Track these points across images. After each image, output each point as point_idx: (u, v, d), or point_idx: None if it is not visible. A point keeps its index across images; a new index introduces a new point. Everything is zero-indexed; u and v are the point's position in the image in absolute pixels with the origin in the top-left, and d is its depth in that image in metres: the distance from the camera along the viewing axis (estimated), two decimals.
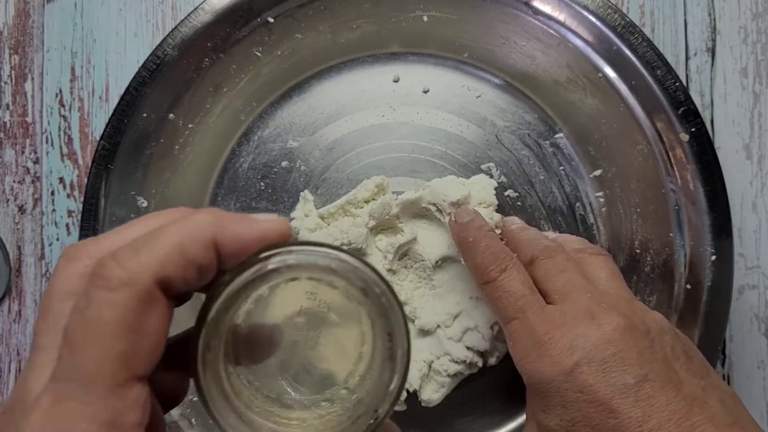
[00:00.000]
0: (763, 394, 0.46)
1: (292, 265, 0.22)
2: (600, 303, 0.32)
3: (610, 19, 0.41)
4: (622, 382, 0.30)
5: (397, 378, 0.23)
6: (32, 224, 0.46)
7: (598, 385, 0.30)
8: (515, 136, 0.45)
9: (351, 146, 0.45)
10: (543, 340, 0.31)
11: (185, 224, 0.21)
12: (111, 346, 0.19)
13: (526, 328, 0.32)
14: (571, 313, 0.32)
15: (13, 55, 0.47)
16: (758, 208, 0.46)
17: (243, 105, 0.44)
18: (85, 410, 0.19)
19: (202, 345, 0.22)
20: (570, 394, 0.30)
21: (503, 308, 0.34)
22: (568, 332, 0.31)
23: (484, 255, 0.35)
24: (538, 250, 0.36)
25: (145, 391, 0.21)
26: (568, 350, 0.31)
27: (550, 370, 0.31)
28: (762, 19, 0.47)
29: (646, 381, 0.30)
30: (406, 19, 0.44)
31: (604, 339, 0.31)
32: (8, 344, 0.46)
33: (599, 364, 0.30)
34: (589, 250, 0.37)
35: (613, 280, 0.36)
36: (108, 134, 0.41)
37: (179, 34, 0.41)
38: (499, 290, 0.34)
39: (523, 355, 0.32)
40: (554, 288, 0.34)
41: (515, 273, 0.34)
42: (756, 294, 0.46)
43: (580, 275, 0.35)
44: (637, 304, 0.34)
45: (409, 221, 0.42)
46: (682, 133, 0.41)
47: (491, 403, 0.44)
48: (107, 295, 0.20)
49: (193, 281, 0.21)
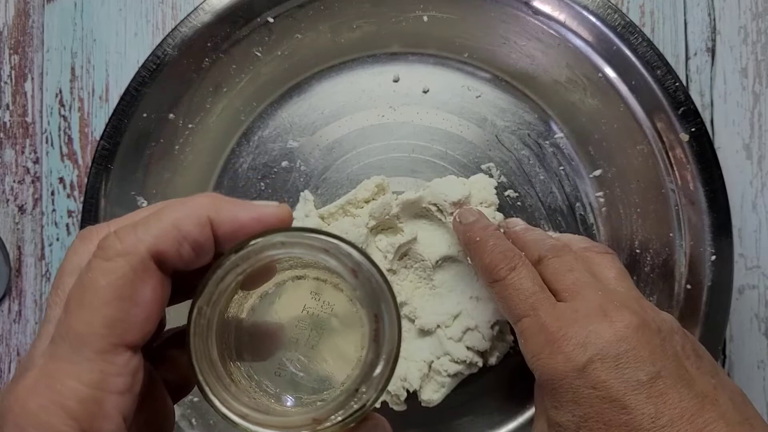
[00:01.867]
0: (763, 394, 0.46)
1: (285, 242, 0.23)
2: (612, 301, 0.32)
3: (610, 19, 0.41)
4: (635, 378, 0.30)
5: (383, 362, 0.23)
6: (32, 224, 0.46)
7: (611, 381, 0.30)
8: (515, 136, 0.45)
9: (351, 146, 0.45)
10: (556, 336, 0.31)
11: (183, 204, 0.23)
12: (101, 311, 0.21)
13: (538, 325, 0.32)
14: (582, 310, 0.32)
15: (13, 55, 0.47)
16: (758, 208, 0.46)
17: (243, 105, 0.44)
18: (73, 369, 0.20)
19: (195, 314, 0.23)
20: (583, 390, 0.30)
21: (514, 306, 0.34)
22: (580, 329, 0.31)
23: (492, 254, 0.35)
24: (545, 250, 0.36)
25: (135, 360, 0.21)
26: (581, 347, 0.31)
27: (563, 367, 0.31)
28: (762, 19, 0.47)
29: (659, 378, 0.30)
30: (406, 19, 0.44)
31: (617, 336, 0.31)
32: (8, 344, 0.46)
33: (612, 360, 0.30)
34: (596, 248, 0.37)
35: (621, 279, 0.36)
36: (108, 134, 0.41)
37: (179, 34, 0.41)
38: (509, 288, 0.34)
39: (535, 352, 0.32)
40: (564, 287, 0.34)
41: (525, 271, 0.34)
42: (756, 294, 0.46)
43: (589, 273, 0.35)
44: (647, 303, 0.34)
45: (409, 221, 0.42)
46: (682, 133, 0.41)
47: (491, 403, 0.44)
48: (103, 264, 0.21)
49: (189, 258, 0.23)
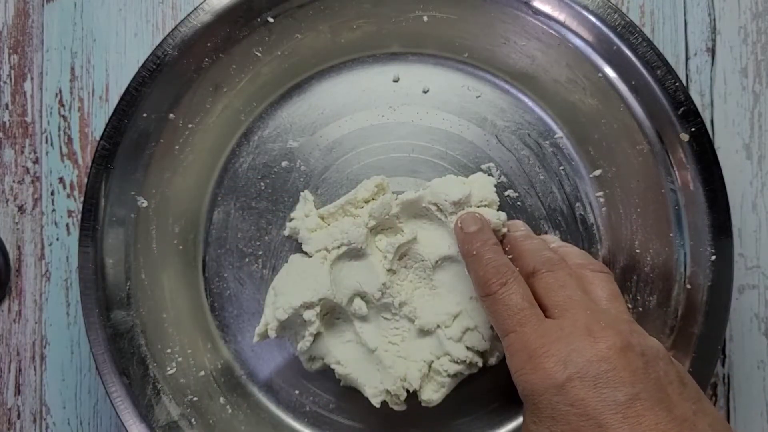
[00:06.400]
0: (763, 394, 0.46)
1: None
2: (599, 321, 0.33)
3: (610, 19, 0.41)
4: (612, 398, 0.30)
5: None
6: (32, 224, 0.46)
7: (588, 400, 0.30)
8: (515, 136, 0.45)
9: (351, 146, 0.45)
10: (538, 353, 0.32)
11: None
12: None
13: (523, 341, 0.33)
14: (568, 328, 0.32)
15: (12, 54, 0.47)
16: (758, 208, 0.46)
17: (243, 105, 0.44)
18: None
19: None
20: (561, 407, 0.30)
21: (502, 321, 0.34)
22: (563, 347, 0.31)
23: (486, 268, 0.36)
24: (540, 263, 0.36)
25: None
26: (561, 364, 0.31)
27: (543, 382, 0.31)
28: (762, 19, 0.47)
29: (637, 400, 0.30)
30: (406, 19, 0.44)
31: (598, 356, 0.31)
32: (8, 344, 0.46)
33: (592, 379, 0.30)
34: (591, 266, 0.38)
35: (613, 299, 0.36)
36: (108, 134, 0.41)
37: (179, 34, 0.41)
38: (499, 303, 0.34)
39: (518, 367, 0.33)
40: (554, 303, 0.34)
41: (515, 287, 0.35)
42: (756, 294, 0.46)
43: (581, 291, 0.35)
44: (636, 327, 0.34)
45: (409, 221, 0.42)
46: (682, 133, 0.41)
47: (491, 403, 0.44)
48: None
49: None
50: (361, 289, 0.40)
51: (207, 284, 0.45)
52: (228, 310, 0.44)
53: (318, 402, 0.44)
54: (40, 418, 0.46)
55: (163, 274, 0.43)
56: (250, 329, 0.44)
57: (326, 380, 0.44)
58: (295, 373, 0.44)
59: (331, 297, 0.39)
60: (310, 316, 0.39)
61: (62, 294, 0.46)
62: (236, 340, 0.44)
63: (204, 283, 0.45)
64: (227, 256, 0.44)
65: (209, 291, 0.45)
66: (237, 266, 0.44)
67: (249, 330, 0.44)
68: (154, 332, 0.42)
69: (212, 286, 0.45)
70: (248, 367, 0.44)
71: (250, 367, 0.44)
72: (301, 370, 0.44)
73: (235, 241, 0.44)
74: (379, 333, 0.41)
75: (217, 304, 0.45)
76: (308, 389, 0.44)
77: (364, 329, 0.41)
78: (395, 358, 0.40)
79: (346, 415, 0.44)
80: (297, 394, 0.44)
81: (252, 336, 0.41)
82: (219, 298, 0.44)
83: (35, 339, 0.46)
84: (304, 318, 0.39)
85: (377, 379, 0.40)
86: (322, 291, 0.39)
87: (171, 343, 0.43)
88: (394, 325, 0.41)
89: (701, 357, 0.40)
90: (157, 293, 0.43)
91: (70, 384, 0.46)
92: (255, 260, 0.44)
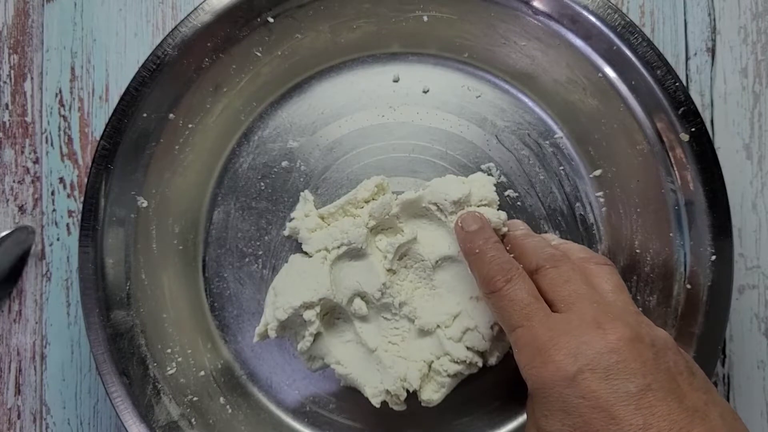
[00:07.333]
0: (763, 394, 0.46)
1: None
2: (606, 313, 0.33)
3: (610, 19, 0.41)
4: (624, 389, 0.30)
5: None
6: (32, 224, 0.46)
7: (600, 392, 0.30)
8: (515, 136, 0.45)
9: (351, 146, 0.45)
10: (547, 346, 0.32)
11: None
12: None
13: (531, 335, 0.33)
14: (576, 321, 0.32)
15: (12, 54, 0.47)
16: (758, 208, 0.46)
17: (243, 105, 0.44)
18: None
19: None
20: (572, 399, 0.30)
21: (509, 317, 0.34)
22: (572, 339, 0.31)
23: (490, 266, 0.36)
24: (543, 259, 0.36)
25: None
26: (571, 356, 0.31)
27: (553, 376, 0.31)
28: (762, 19, 0.47)
29: (648, 390, 0.30)
30: (406, 19, 0.44)
31: (608, 347, 0.31)
32: (8, 344, 0.46)
33: (603, 371, 0.30)
34: (594, 259, 0.37)
35: (618, 292, 0.36)
36: (108, 134, 0.41)
37: (179, 34, 0.41)
38: (505, 299, 0.34)
39: (527, 361, 0.32)
40: (560, 297, 0.34)
41: (520, 282, 0.35)
42: (756, 294, 0.46)
43: (586, 285, 0.35)
44: (644, 319, 0.34)
45: (409, 221, 0.42)
46: (682, 133, 0.41)
47: (491, 403, 0.44)
48: None
49: None
50: (361, 289, 0.40)
51: (207, 284, 0.45)
52: (228, 310, 0.44)
53: (318, 402, 0.44)
54: (40, 418, 0.46)
55: (163, 274, 0.43)
56: (250, 329, 0.44)
57: (326, 380, 0.44)
58: (295, 373, 0.44)
59: (331, 297, 0.39)
60: (310, 316, 0.39)
61: (62, 294, 0.46)
62: (236, 340, 0.44)
63: (204, 283, 0.45)
64: (227, 256, 0.44)
65: (209, 291, 0.45)
66: (237, 266, 0.44)
67: (249, 330, 0.44)
68: (154, 332, 0.42)
69: (212, 286, 0.45)
70: (248, 367, 0.44)
71: (250, 367, 0.44)
72: (301, 370, 0.44)
73: (235, 241, 0.44)
74: (379, 333, 0.41)
75: (217, 304, 0.45)
76: (308, 389, 0.44)
77: (364, 329, 0.41)
78: (395, 358, 0.40)
79: (346, 415, 0.44)
80: (297, 394, 0.44)
81: (252, 336, 0.41)
82: (219, 298, 0.44)
83: (35, 339, 0.46)
84: (304, 318, 0.39)
85: (377, 379, 0.40)
86: (322, 291, 0.39)
87: (171, 343, 0.43)
88: (394, 325, 0.41)
89: (701, 357, 0.40)
90: (157, 293, 0.43)
91: (70, 384, 0.46)
92: (255, 260, 0.44)
